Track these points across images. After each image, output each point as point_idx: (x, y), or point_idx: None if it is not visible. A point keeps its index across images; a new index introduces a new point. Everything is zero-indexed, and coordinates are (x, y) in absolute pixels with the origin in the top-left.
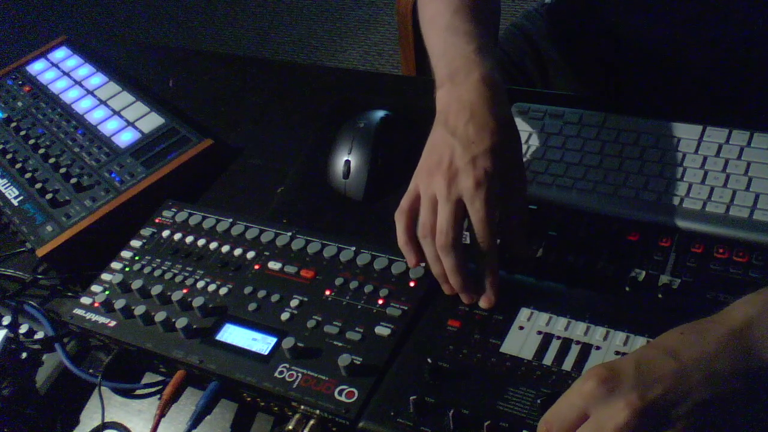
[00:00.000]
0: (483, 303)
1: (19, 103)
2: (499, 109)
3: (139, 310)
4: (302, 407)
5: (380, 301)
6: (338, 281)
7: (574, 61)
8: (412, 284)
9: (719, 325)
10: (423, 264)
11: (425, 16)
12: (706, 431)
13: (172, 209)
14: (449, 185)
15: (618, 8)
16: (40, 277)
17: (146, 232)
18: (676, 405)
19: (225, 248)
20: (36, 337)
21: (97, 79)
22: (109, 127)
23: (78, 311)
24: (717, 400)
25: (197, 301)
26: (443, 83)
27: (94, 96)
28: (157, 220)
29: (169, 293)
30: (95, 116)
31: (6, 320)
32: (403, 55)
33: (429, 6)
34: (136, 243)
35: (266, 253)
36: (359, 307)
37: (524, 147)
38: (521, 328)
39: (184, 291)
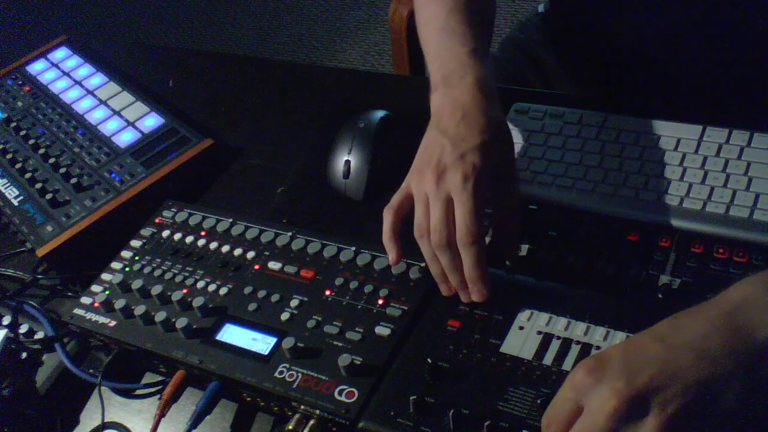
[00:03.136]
0: (475, 296)
1: (19, 103)
2: (490, 110)
3: (139, 310)
4: (302, 407)
5: (380, 301)
6: (338, 281)
7: (574, 66)
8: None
9: (714, 307)
10: (423, 264)
11: (422, 18)
12: (699, 414)
13: (172, 209)
14: (438, 181)
15: (616, 9)
16: (40, 277)
17: (146, 232)
18: (665, 388)
19: (225, 248)
20: (36, 337)
21: (97, 79)
22: (109, 127)
23: (78, 311)
24: (709, 380)
25: (197, 301)
26: (437, 86)
27: (94, 96)
28: (157, 220)
29: (169, 293)
30: (95, 116)
31: (6, 320)
32: (396, 71)
33: (425, 9)
34: (136, 243)
35: (266, 253)
36: (359, 307)
37: (524, 147)
38: (521, 328)
39: (184, 291)
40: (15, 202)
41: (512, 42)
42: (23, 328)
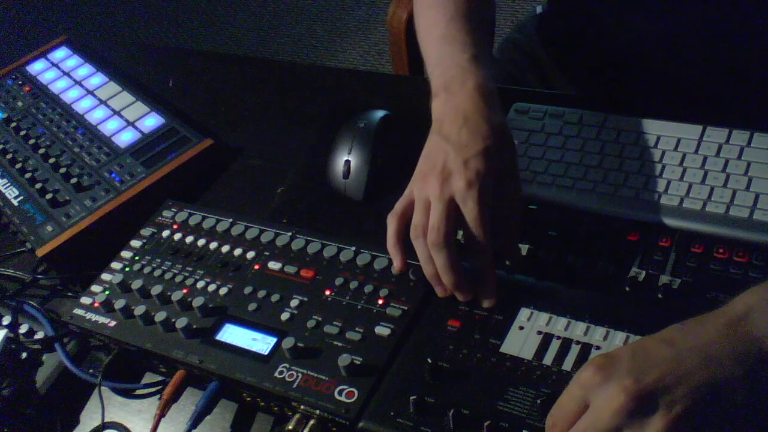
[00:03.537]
0: (484, 303)
1: (19, 103)
2: (492, 116)
3: (139, 310)
4: (302, 407)
5: (380, 301)
6: (338, 281)
7: (574, 66)
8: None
9: (719, 316)
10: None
11: (422, 24)
12: (702, 415)
13: (172, 209)
14: (442, 186)
15: (615, 9)
16: (40, 277)
17: (146, 232)
18: (672, 388)
19: (225, 248)
20: (36, 337)
21: (97, 79)
22: (109, 127)
23: (78, 311)
24: (714, 384)
25: (197, 301)
26: (438, 92)
27: (94, 96)
28: (157, 220)
29: (169, 293)
30: (95, 116)
31: (6, 320)
32: (396, 73)
33: (425, 15)
34: (136, 243)
35: (266, 253)
36: (359, 307)
37: (524, 147)
38: (521, 328)
39: (184, 291)
40: (15, 202)
41: (512, 42)
42: (23, 328)
